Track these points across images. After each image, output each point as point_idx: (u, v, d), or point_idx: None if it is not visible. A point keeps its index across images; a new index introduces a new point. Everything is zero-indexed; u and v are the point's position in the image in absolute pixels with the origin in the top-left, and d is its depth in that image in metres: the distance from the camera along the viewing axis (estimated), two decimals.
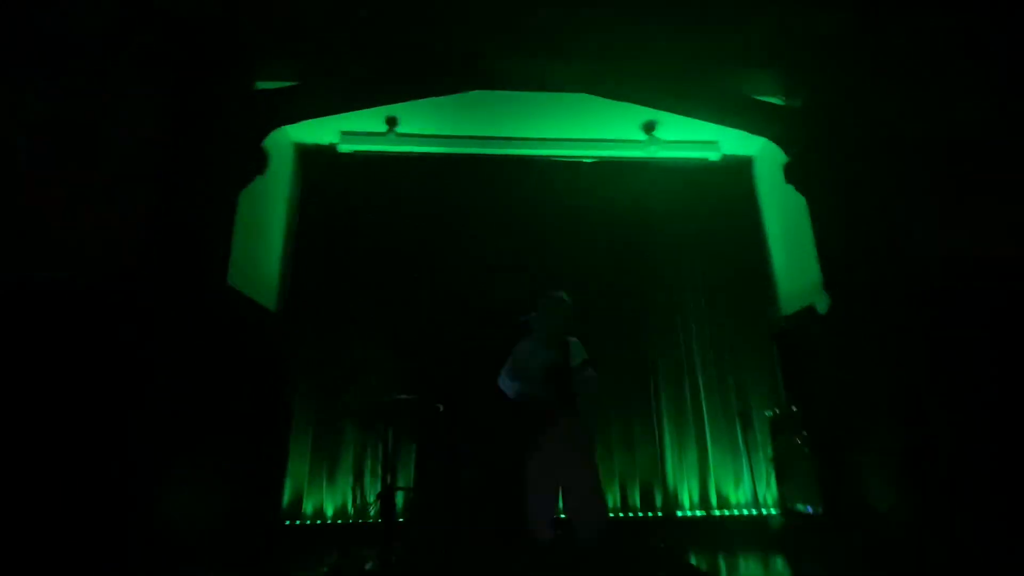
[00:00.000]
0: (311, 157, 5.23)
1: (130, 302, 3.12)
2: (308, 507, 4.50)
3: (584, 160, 5.42)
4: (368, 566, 2.90)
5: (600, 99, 4.40)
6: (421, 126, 4.98)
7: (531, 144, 5.29)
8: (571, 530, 3.12)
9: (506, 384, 3.34)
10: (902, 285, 3.55)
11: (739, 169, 5.52)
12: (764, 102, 4.33)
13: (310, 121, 4.46)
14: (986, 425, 3.35)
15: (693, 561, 3.69)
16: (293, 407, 4.61)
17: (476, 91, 4.32)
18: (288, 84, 4.04)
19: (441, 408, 2.77)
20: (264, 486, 4.30)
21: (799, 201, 4.27)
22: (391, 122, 4.74)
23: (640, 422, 4.88)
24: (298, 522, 4.42)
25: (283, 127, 4.43)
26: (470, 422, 4.20)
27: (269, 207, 4.75)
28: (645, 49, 4.18)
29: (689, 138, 5.21)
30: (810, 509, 3.93)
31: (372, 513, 4.07)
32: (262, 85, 4.00)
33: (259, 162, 3.83)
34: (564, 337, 3.37)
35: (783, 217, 4.99)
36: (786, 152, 4.28)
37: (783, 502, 4.38)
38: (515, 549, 3.54)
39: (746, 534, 4.39)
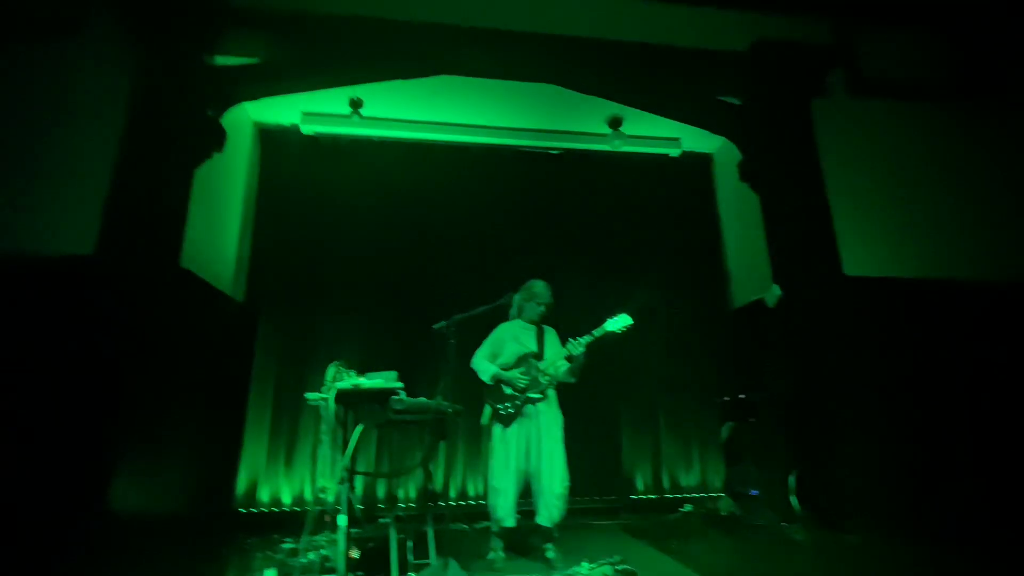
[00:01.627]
0: (272, 138, 5.07)
1: (78, 280, 2.99)
2: (264, 495, 4.42)
3: (550, 151, 5.47)
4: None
5: (567, 91, 4.47)
6: (386, 110, 4.91)
7: (497, 132, 5.30)
8: (533, 512, 3.20)
9: (480, 366, 3.37)
10: (844, 280, 3.78)
11: (699, 166, 5.70)
12: (724, 102, 4.49)
13: (272, 101, 4.34)
14: (925, 415, 3.64)
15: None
16: (251, 392, 4.51)
17: (443, 76, 4.30)
18: (249, 61, 3.91)
19: (402, 393, 2.77)
20: (219, 473, 4.20)
21: (753, 198, 4.47)
22: (355, 104, 4.64)
23: (595, 409, 5.00)
24: (253, 509, 4.35)
25: (244, 106, 4.31)
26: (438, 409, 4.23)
27: (228, 188, 4.59)
28: (612, 43, 4.26)
29: (652, 134, 5.34)
30: (755, 492, 4.15)
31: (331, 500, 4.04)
32: (222, 61, 3.86)
33: (216, 139, 3.71)
34: (540, 324, 3.44)
35: (739, 213, 5.19)
36: (741, 151, 4.46)
37: (730, 486, 4.60)
38: (479, 532, 3.60)
39: (695, 517, 4.60)
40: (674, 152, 5.52)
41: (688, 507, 4.59)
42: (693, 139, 5.35)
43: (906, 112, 4.43)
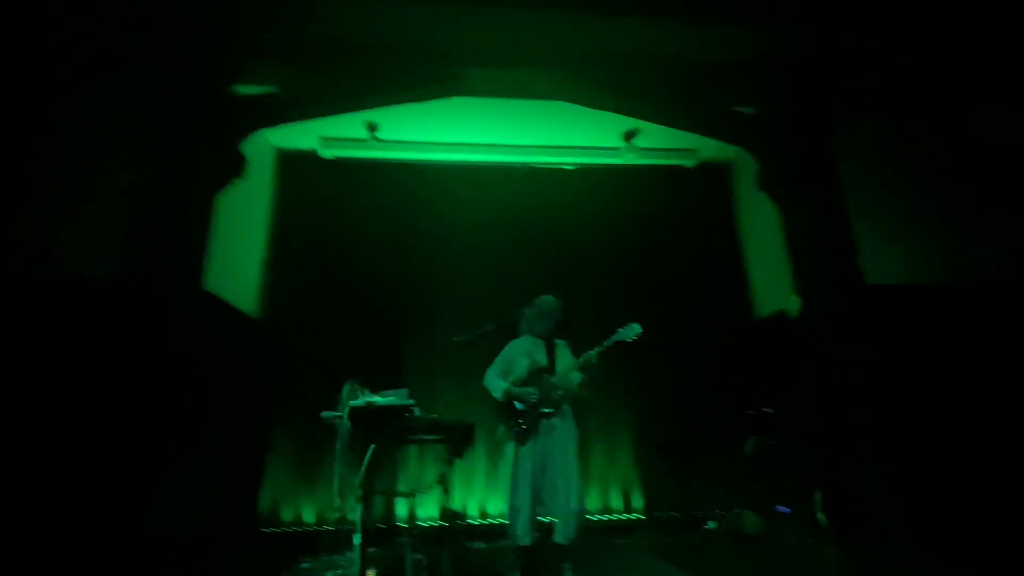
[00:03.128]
0: (292, 163, 5.23)
1: (103, 300, 3.11)
2: (287, 514, 4.47)
3: (565, 167, 5.49)
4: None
5: (579, 107, 4.49)
6: (401, 132, 5.01)
7: (511, 151, 5.36)
8: (551, 530, 3.16)
9: (492, 384, 3.37)
10: (867, 290, 3.67)
11: (717, 175, 5.64)
12: (738, 112, 4.45)
13: (291, 127, 4.47)
14: (959, 425, 3.48)
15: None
16: (273, 411, 4.59)
17: (456, 97, 4.38)
18: (268, 89, 4.06)
19: (416, 411, 2.79)
20: (243, 491, 4.27)
21: (772, 207, 4.39)
22: (371, 127, 4.76)
23: (617, 424, 4.94)
24: (275, 529, 4.40)
25: (264, 132, 4.45)
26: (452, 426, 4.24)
27: (250, 212, 4.74)
28: (623, 58, 4.28)
29: (667, 145, 5.32)
30: (783, 509, 4.01)
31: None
32: (241, 89, 4.01)
33: (237, 165, 3.84)
34: (551, 339, 3.43)
35: (758, 223, 5.11)
36: (758, 160, 4.40)
37: (757, 502, 4.45)
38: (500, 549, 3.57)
39: (721, 535, 4.46)
40: (689, 163, 5.48)
41: (712, 524, 4.46)
42: (710, 149, 5.31)
43: (925, 113, 4.31)
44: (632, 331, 3.26)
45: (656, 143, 5.20)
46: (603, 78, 4.36)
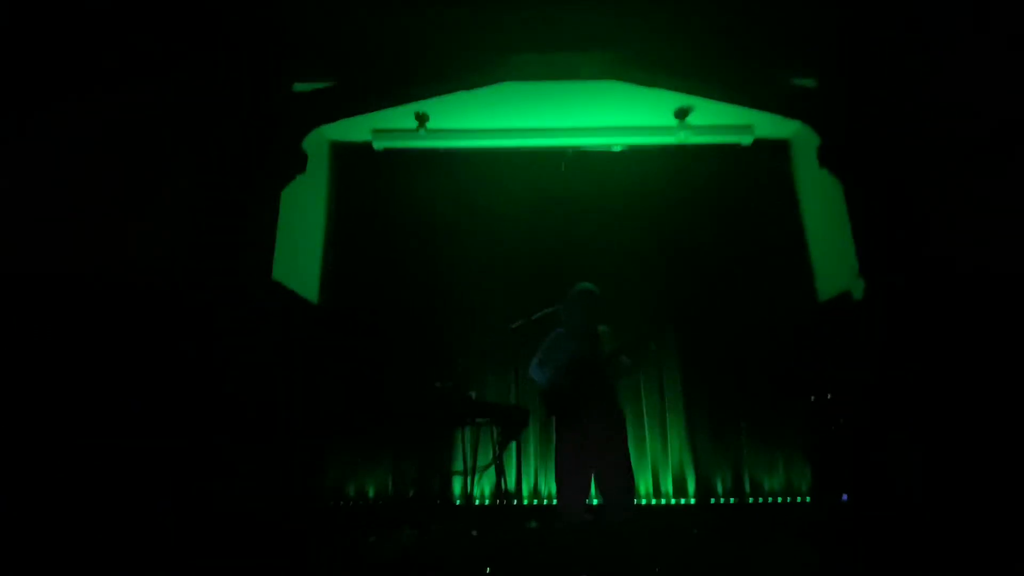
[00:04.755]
0: (346, 155, 5.41)
1: (181, 294, 3.35)
2: (351, 489, 4.74)
3: (613, 149, 5.41)
4: (405, 538, 3.09)
5: (631, 85, 4.40)
6: (451, 121, 5.06)
7: (561, 134, 5.32)
8: (601, 513, 3.22)
9: (536, 373, 3.44)
10: (938, 274, 3.45)
11: (775, 153, 5.41)
12: (798, 86, 4.23)
13: (345, 120, 4.62)
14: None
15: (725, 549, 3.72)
16: (334, 395, 4.84)
17: (505, 83, 4.37)
18: (324, 84, 4.20)
19: (474, 395, 2.89)
20: (310, 470, 4.55)
21: (836, 185, 4.18)
22: (421, 118, 4.85)
23: (673, 408, 4.91)
24: (341, 503, 4.68)
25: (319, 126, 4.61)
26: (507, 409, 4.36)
27: (311, 205, 4.96)
28: (675, 34, 4.15)
29: (723, 122, 5.13)
30: (845, 497, 3.90)
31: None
32: (299, 87, 4.17)
33: (299, 162, 4.01)
34: (592, 327, 3.45)
35: (820, 201, 4.87)
36: (820, 135, 4.18)
37: (818, 489, 4.34)
38: (549, 528, 3.66)
39: (779, 523, 4.38)
40: (746, 140, 5.27)
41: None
42: (766, 125, 5.08)
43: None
44: (652, 345, 3.29)
45: (710, 120, 5.03)
46: (654, 54, 4.23)
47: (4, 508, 2.88)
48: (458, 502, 4.59)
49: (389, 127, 5.11)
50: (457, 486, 4.69)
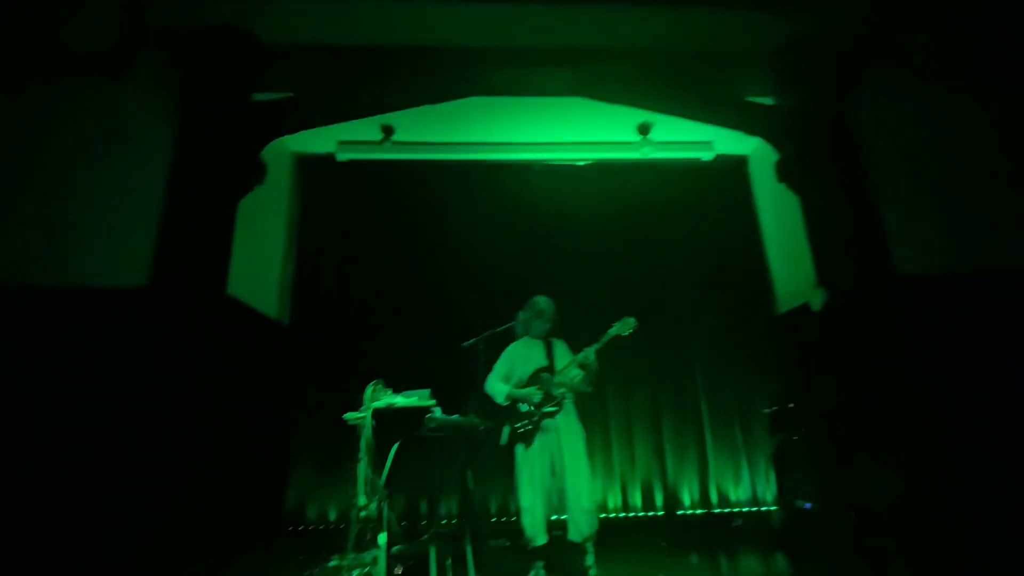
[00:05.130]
0: (310, 167, 5.29)
1: (136, 309, 3.20)
2: (312, 512, 4.55)
3: (577, 163, 5.47)
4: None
5: (595, 102, 4.46)
6: (417, 134, 5.03)
7: (526, 148, 5.34)
8: (565, 529, 3.16)
9: (494, 389, 3.39)
10: (894, 282, 3.58)
11: (734, 168, 5.56)
12: (755, 103, 4.37)
13: (308, 131, 4.52)
14: (983, 423, 3.37)
15: (694, 560, 3.71)
16: (296, 412, 4.67)
17: (471, 97, 4.37)
18: (285, 95, 4.11)
19: (436, 410, 2.82)
20: (269, 492, 4.35)
21: (793, 199, 4.31)
22: (387, 130, 4.80)
23: (639, 421, 4.92)
24: (301, 527, 4.48)
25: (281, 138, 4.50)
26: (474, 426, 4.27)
27: (270, 217, 4.81)
28: (636, 53, 4.24)
29: (683, 138, 5.25)
30: (808, 505, 3.95)
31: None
32: (259, 97, 4.07)
33: (257, 173, 3.89)
34: (549, 338, 3.45)
35: (778, 215, 5.01)
36: (778, 151, 4.32)
37: (782, 498, 4.40)
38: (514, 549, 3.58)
39: (746, 532, 4.41)
40: (706, 156, 5.40)
41: (739, 522, 4.42)
42: (726, 141, 5.23)
43: (953, 97, 4.19)
44: (628, 325, 3.27)
45: (672, 136, 5.14)
46: (618, 72, 4.31)
47: None
48: (424, 522, 4.46)
49: (354, 139, 5.03)
50: (422, 506, 4.55)
